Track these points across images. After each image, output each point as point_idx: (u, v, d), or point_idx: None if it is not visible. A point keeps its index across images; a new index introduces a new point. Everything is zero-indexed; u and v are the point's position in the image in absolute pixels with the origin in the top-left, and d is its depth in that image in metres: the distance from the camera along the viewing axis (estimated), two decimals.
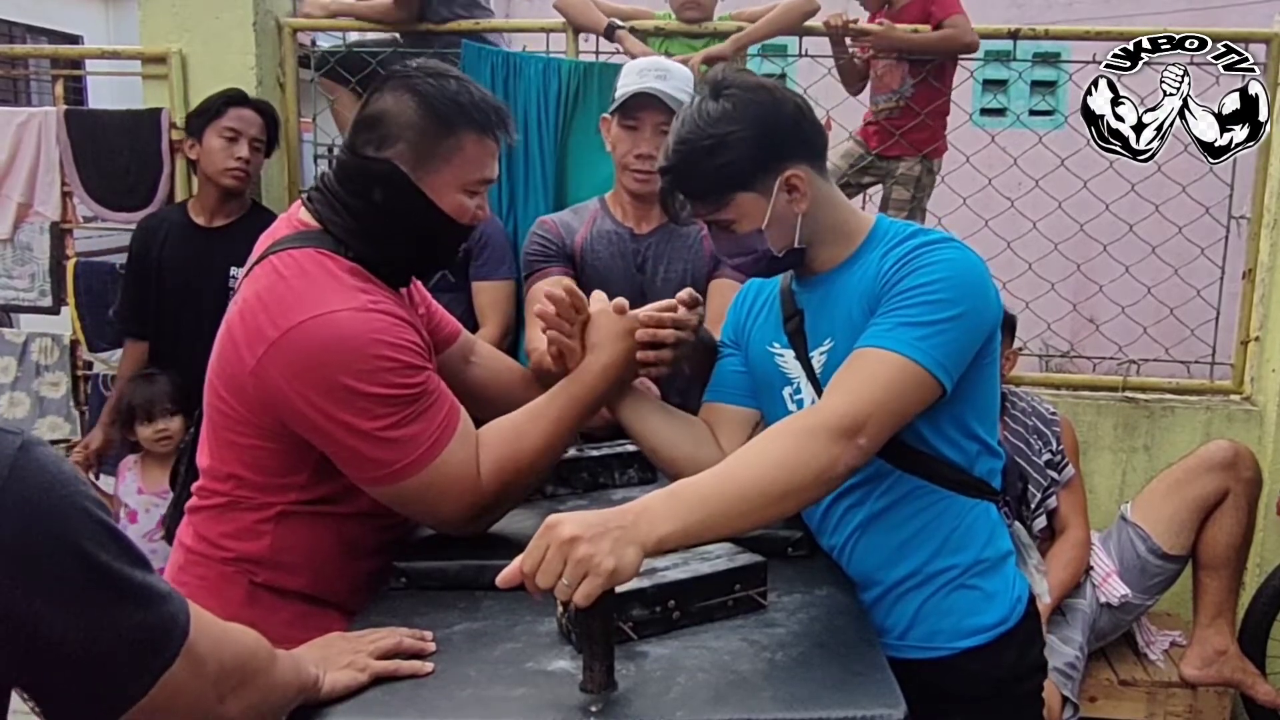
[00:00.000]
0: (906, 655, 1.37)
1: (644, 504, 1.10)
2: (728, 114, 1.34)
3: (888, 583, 1.40)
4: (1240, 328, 3.18)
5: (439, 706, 1.05)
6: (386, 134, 1.38)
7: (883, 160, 3.40)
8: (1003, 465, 1.45)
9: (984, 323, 1.33)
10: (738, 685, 1.07)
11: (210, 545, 1.42)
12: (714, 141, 1.34)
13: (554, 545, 1.02)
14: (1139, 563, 2.63)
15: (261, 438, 1.36)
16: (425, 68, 1.42)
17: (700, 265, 2.09)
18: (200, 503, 1.45)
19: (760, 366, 1.51)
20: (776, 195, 1.37)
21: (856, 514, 1.41)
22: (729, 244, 1.43)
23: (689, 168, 1.36)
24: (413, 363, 1.32)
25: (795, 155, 1.37)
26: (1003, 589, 1.41)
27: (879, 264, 1.35)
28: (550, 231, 2.13)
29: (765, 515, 1.19)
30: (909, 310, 1.28)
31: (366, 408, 1.28)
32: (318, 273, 1.35)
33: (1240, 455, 2.58)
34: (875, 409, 1.23)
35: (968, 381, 1.34)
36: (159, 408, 2.73)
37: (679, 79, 2.03)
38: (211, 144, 2.76)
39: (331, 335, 1.28)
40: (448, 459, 1.33)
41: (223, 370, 1.38)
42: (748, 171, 1.36)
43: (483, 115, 1.40)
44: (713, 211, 1.39)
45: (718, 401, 1.57)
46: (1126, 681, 2.66)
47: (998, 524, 1.44)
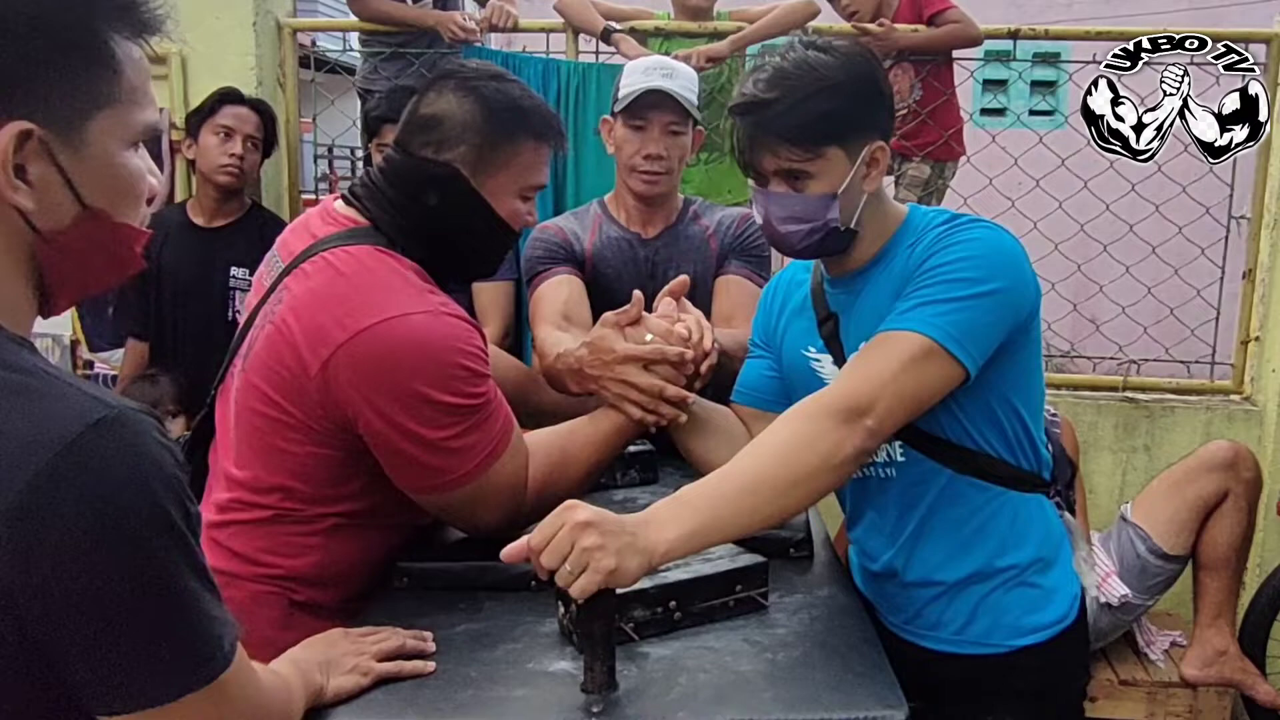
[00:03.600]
0: (963, 650, 1.36)
1: (651, 513, 1.08)
2: (837, 63, 1.27)
3: (949, 582, 1.37)
4: (1240, 328, 3.18)
5: (440, 707, 1.05)
6: (446, 137, 1.34)
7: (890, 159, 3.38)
8: (1052, 454, 1.42)
9: (1017, 302, 1.27)
10: (739, 686, 1.07)
11: (246, 563, 1.33)
12: (824, 84, 1.26)
13: (567, 527, 1.00)
14: (1139, 563, 2.63)
15: (316, 444, 1.29)
16: (484, 69, 1.40)
17: (708, 266, 2.06)
18: (231, 517, 1.34)
19: (794, 371, 1.47)
20: (858, 165, 1.31)
21: (912, 517, 1.38)
22: (792, 206, 1.32)
23: (794, 104, 1.25)
24: (482, 371, 1.29)
25: (883, 130, 1.33)
26: (1062, 585, 1.38)
27: (909, 254, 1.32)
28: (555, 235, 2.07)
29: (776, 508, 1.15)
30: (929, 289, 1.24)
31: (434, 416, 1.24)
32: (382, 270, 1.29)
33: (1240, 455, 2.58)
34: (883, 389, 1.19)
35: (1009, 369, 1.30)
36: (162, 409, 2.73)
37: (685, 78, 1.99)
38: (206, 141, 2.76)
39: (407, 339, 1.23)
40: (499, 470, 1.31)
41: (273, 373, 1.29)
42: (849, 126, 1.28)
43: (542, 122, 1.39)
44: (799, 160, 1.29)
45: (748, 405, 1.53)
46: (1127, 681, 2.66)
47: (1052, 516, 1.41)
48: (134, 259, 0.86)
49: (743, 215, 2.10)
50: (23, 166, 0.76)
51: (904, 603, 1.41)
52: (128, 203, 0.84)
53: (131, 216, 0.84)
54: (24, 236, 0.79)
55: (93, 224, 0.81)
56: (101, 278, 0.86)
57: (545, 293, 1.99)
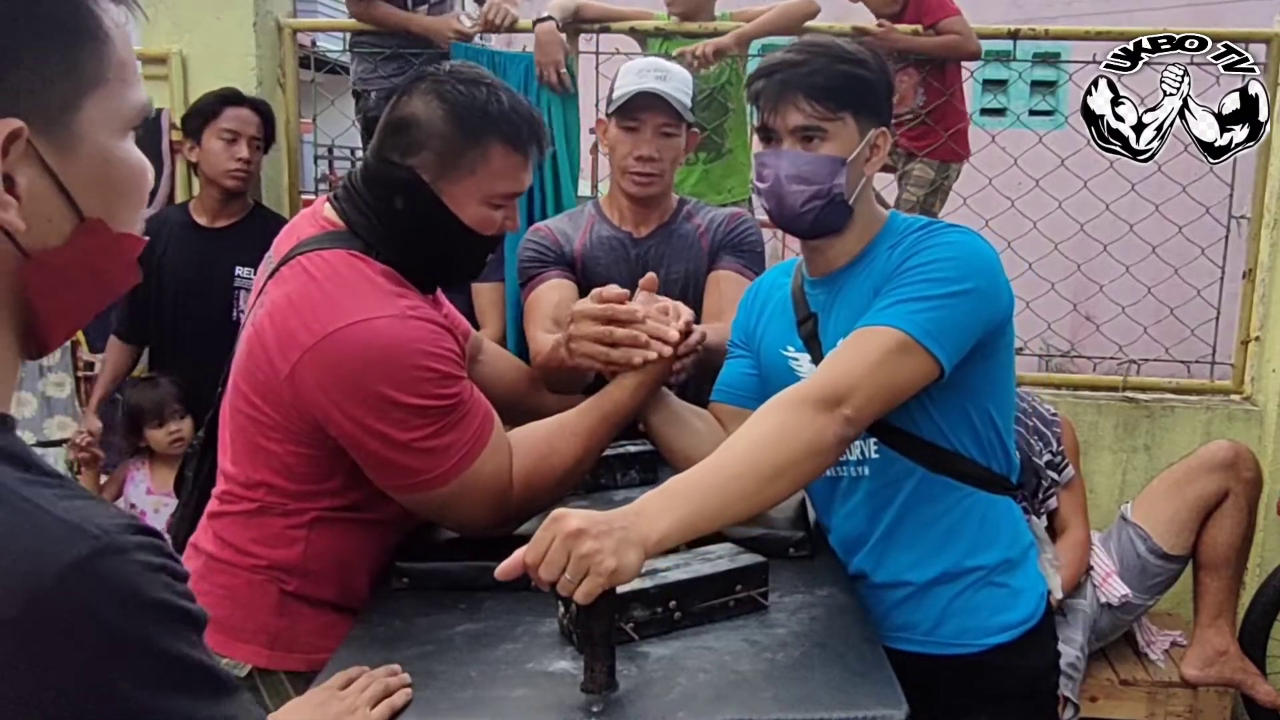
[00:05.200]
0: (933, 651, 1.37)
1: (640, 505, 1.09)
2: (857, 49, 1.38)
3: (919, 583, 1.39)
4: (1240, 328, 3.18)
5: (440, 707, 1.05)
6: (412, 140, 1.34)
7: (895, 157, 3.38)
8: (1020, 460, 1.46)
9: (990, 305, 1.31)
10: (739, 685, 1.07)
11: (237, 552, 1.38)
12: (851, 58, 1.36)
13: (559, 538, 1.01)
14: (1139, 563, 2.63)
15: (295, 443, 1.32)
16: (457, 72, 1.38)
17: (700, 264, 2.07)
18: (225, 508, 1.40)
19: (773, 370, 1.49)
20: (864, 145, 1.38)
21: (883, 518, 1.40)
22: (801, 164, 1.37)
23: (822, 66, 1.35)
24: (451, 372, 1.29)
25: (886, 121, 1.40)
26: (1028, 586, 1.41)
27: (889, 255, 1.35)
28: (546, 238, 2.08)
29: (762, 496, 1.17)
30: (906, 288, 1.28)
31: (403, 418, 1.25)
32: (352, 275, 1.31)
33: (1240, 455, 2.59)
34: (861, 380, 1.22)
35: (983, 372, 1.33)
36: (169, 410, 2.74)
37: (679, 80, 2.00)
38: (211, 146, 2.76)
39: (371, 343, 1.24)
40: (480, 469, 1.31)
41: (252, 375, 1.33)
42: (867, 100, 1.37)
43: (512, 127, 1.35)
44: (820, 117, 1.36)
45: (727, 404, 1.55)
46: (1127, 681, 2.66)
47: (1019, 519, 1.44)
48: (131, 273, 0.72)
49: (734, 213, 2.12)
50: (9, 175, 0.62)
51: (873, 604, 1.42)
52: (128, 206, 0.69)
53: (132, 222, 0.70)
54: (4, 265, 0.63)
55: (90, 238, 0.66)
56: (97, 301, 0.72)
57: (537, 298, 2.00)
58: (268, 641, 1.37)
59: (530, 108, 1.40)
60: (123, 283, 0.72)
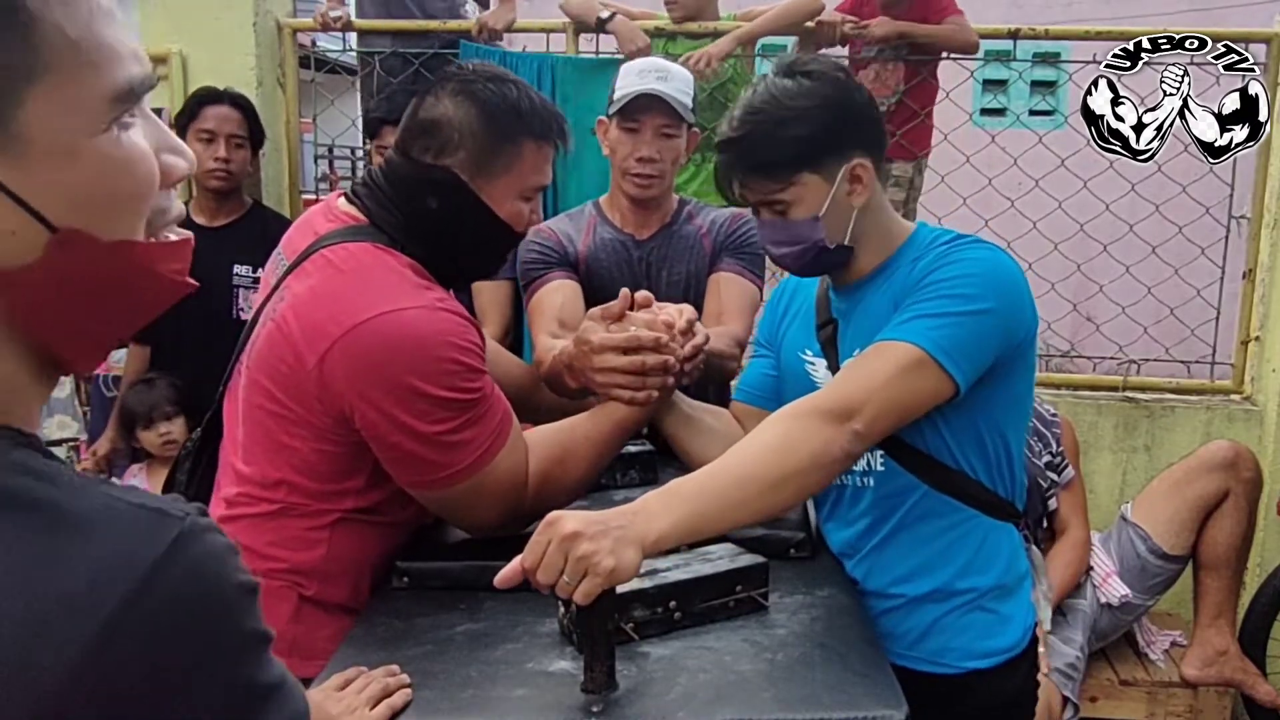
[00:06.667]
0: (912, 666, 1.36)
1: (641, 503, 1.09)
2: (803, 90, 1.31)
3: (909, 596, 1.38)
4: (1240, 328, 3.19)
5: (440, 707, 1.05)
6: (445, 141, 1.34)
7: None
8: (1026, 486, 1.43)
9: (1011, 325, 1.29)
10: (739, 686, 1.07)
11: (254, 557, 1.32)
12: (789, 114, 1.29)
13: (555, 541, 1.01)
14: (1139, 563, 2.63)
15: (318, 440, 1.31)
16: (482, 71, 1.39)
17: (702, 265, 2.07)
18: (240, 511, 1.36)
19: (791, 372, 1.49)
20: (839, 183, 1.33)
21: (881, 529, 1.39)
22: (780, 231, 1.36)
23: (759, 139, 1.31)
24: (476, 366, 1.29)
25: (863, 145, 1.34)
26: (1017, 615, 1.40)
27: (911, 268, 1.33)
28: (549, 239, 2.07)
29: (764, 504, 1.17)
30: (925, 304, 1.26)
31: (428, 410, 1.25)
32: (379, 268, 1.30)
33: (1240, 455, 2.59)
34: (872, 394, 1.21)
35: (1000, 392, 1.31)
36: (159, 411, 2.73)
37: (680, 80, 1.99)
38: (191, 148, 2.75)
39: (400, 334, 1.24)
40: (498, 466, 1.31)
41: (275, 369, 1.31)
42: (818, 151, 1.31)
43: (542, 123, 1.38)
44: (774, 191, 1.33)
45: (747, 404, 1.55)
46: (1127, 681, 2.67)
47: (1018, 547, 1.43)
48: (164, 282, 0.63)
49: (736, 214, 2.11)
50: None
51: None
52: (117, 209, 0.60)
53: (129, 227, 0.61)
54: None
55: (69, 250, 0.58)
56: (122, 314, 0.64)
57: (541, 300, 1.99)
58: (286, 650, 1.33)
59: (551, 103, 1.43)
60: (155, 293, 0.64)
